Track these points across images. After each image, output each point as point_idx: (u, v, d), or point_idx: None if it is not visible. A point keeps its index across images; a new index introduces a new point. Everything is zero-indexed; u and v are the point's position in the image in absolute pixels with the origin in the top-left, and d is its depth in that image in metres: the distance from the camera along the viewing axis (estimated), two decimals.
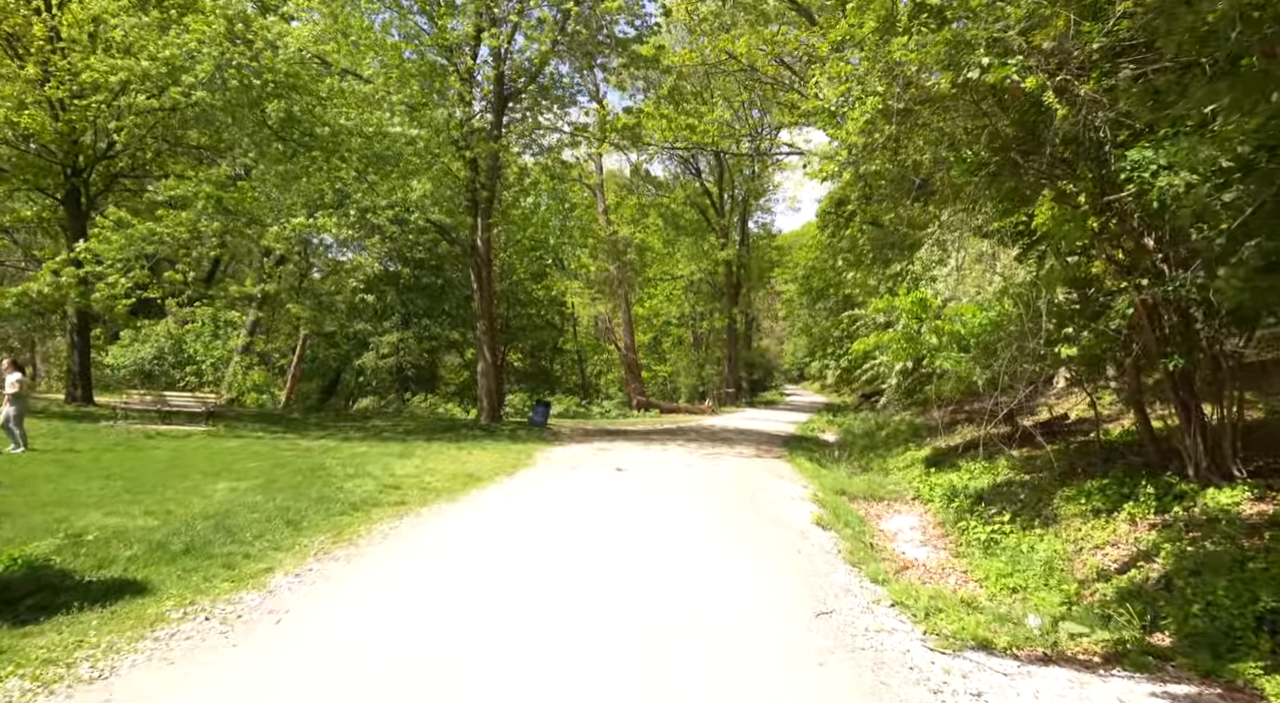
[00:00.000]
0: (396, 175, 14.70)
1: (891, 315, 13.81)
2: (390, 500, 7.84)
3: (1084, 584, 6.71)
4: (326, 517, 6.74)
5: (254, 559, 5.25)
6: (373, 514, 7.04)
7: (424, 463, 11.42)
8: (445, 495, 8.46)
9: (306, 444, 13.76)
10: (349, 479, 9.11)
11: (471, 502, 8.14)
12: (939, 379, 13.19)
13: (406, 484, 8.99)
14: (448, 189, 15.23)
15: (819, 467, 14.58)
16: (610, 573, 5.71)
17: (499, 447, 14.39)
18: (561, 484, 10.00)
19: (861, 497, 12.07)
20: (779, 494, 10.80)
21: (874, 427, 23.12)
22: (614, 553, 6.31)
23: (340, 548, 5.70)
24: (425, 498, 8.18)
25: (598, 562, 6.01)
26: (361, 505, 7.43)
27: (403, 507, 7.58)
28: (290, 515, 6.63)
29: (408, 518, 7.01)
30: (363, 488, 8.48)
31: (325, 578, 5.04)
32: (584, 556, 6.16)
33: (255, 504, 7.19)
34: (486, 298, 18.49)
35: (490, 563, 5.68)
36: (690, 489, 10.31)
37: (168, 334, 27.11)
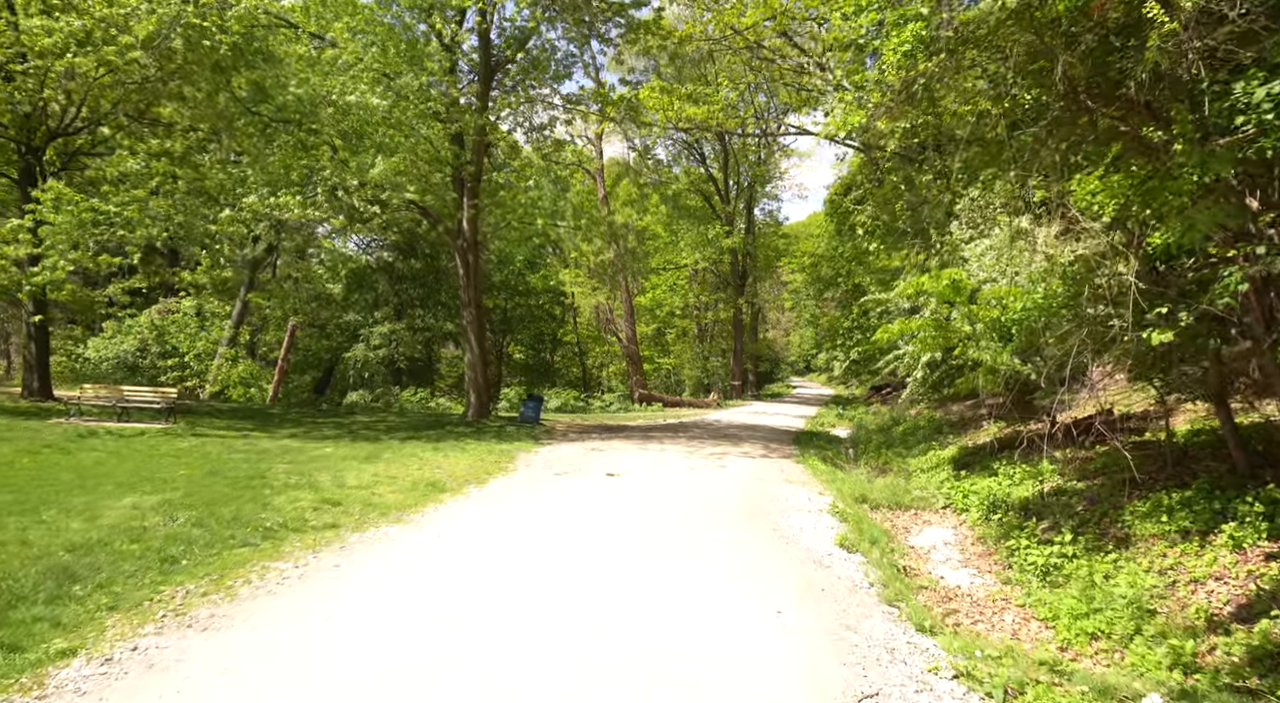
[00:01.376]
0: (371, 151, 13.17)
1: (918, 300, 12.22)
2: (320, 522, 6.33)
3: (1195, 636, 5.14)
4: (222, 550, 5.23)
5: (65, 628, 3.73)
6: (284, 546, 5.53)
7: (387, 468, 9.92)
8: (392, 514, 6.95)
9: (266, 445, 12.29)
10: (285, 492, 7.61)
11: (419, 524, 6.62)
12: (971, 372, 11.61)
13: (351, 498, 7.48)
14: (424, 164, 13.69)
15: (834, 469, 13.02)
16: (577, 640, 4.18)
17: (480, 447, 12.88)
18: (539, 497, 8.47)
19: (885, 504, 10.52)
20: (792, 505, 9.25)
21: (888, 422, 21.52)
22: (587, 606, 4.79)
23: (204, 605, 4.17)
24: (365, 518, 6.67)
25: (565, 621, 4.49)
26: (279, 530, 5.92)
27: (331, 532, 6.07)
28: (175, 548, 5.13)
29: (327, 551, 5.49)
30: (295, 504, 6.97)
31: (145, 666, 3.47)
32: (549, 611, 4.63)
33: (145, 530, 5.69)
34: (473, 284, 16.95)
35: (411, 632, 4.15)
36: (691, 501, 8.77)
37: (150, 325, 25.75)
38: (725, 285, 37.33)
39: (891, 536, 8.99)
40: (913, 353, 11.39)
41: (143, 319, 25.88)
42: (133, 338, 26.01)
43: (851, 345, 31.64)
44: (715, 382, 38.17)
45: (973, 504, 9.97)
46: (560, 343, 36.40)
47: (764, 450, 14.93)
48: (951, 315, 10.64)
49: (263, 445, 12.18)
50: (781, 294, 47.08)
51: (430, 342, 31.08)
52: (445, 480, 9.08)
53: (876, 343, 10.96)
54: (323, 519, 6.44)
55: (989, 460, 11.97)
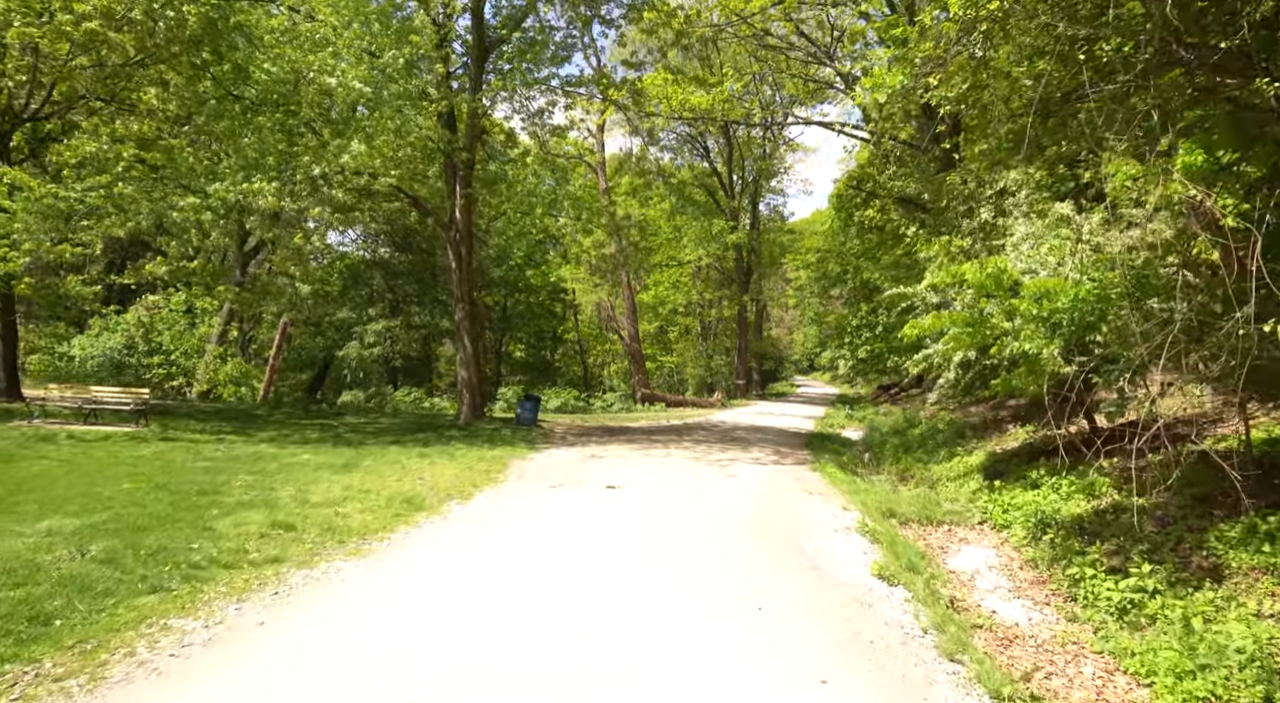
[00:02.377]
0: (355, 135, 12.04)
1: (951, 293, 11.07)
2: (263, 555, 5.22)
3: None
4: (122, 600, 4.11)
5: None
6: (206, 591, 4.40)
7: (363, 479, 8.82)
8: (352, 542, 5.84)
9: (240, 450, 11.20)
10: (235, 511, 6.50)
11: (382, 557, 5.49)
12: (1009, 372, 10.47)
13: (310, 520, 6.37)
14: (410, 148, 12.58)
15: (854, 478, 11.89)
16: None
17: (471, 453, 11.77)
18: (528, 516, 7.35)
19: (915, 519, 9.39)
20: (816, 522, 8.12)
21: (902, 424, 20.37)
22: (578, 678, 3.66)
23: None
24: (319, 548, 5.55)
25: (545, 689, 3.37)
26: (207, 567, 4.82)
27: (272, 569, 4.95)
28: (58, 599, 4.01)
29: (256, 599, 4.34)
30: (241, 529, 5.87)
31: None
32: (529, 687, 3.51)
33: (38, 568, 4.59)
34: (465, 278, 15.83)
35: None
36: (701, 520, 7.65)
37: (137, 322, 24.68)
38: (729, 282, 36.19)
39: (928, 558, 7.87)
40: (944, 351, 10.26)
41: (129, 316, 24.84)
42: (119, 335, 24.95)
43: (859, 344, 30.49)
44: (719, 381, 37.04)
45: (1015, 521, 8.85)
46: (561, 341, 35.28)
47: (775, 456, 13.81)
48: (988, 310, 9.52)
49: (235, 451, 11.08)
50: (786, 291, 45.90)
51: (428, 339, 30.02)
52: (425, 495, 7.97)
53: (904, 339, 9.81)
54: (267, 551, 5.33)
55: (1024, 469, 10.84)
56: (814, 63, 30.53)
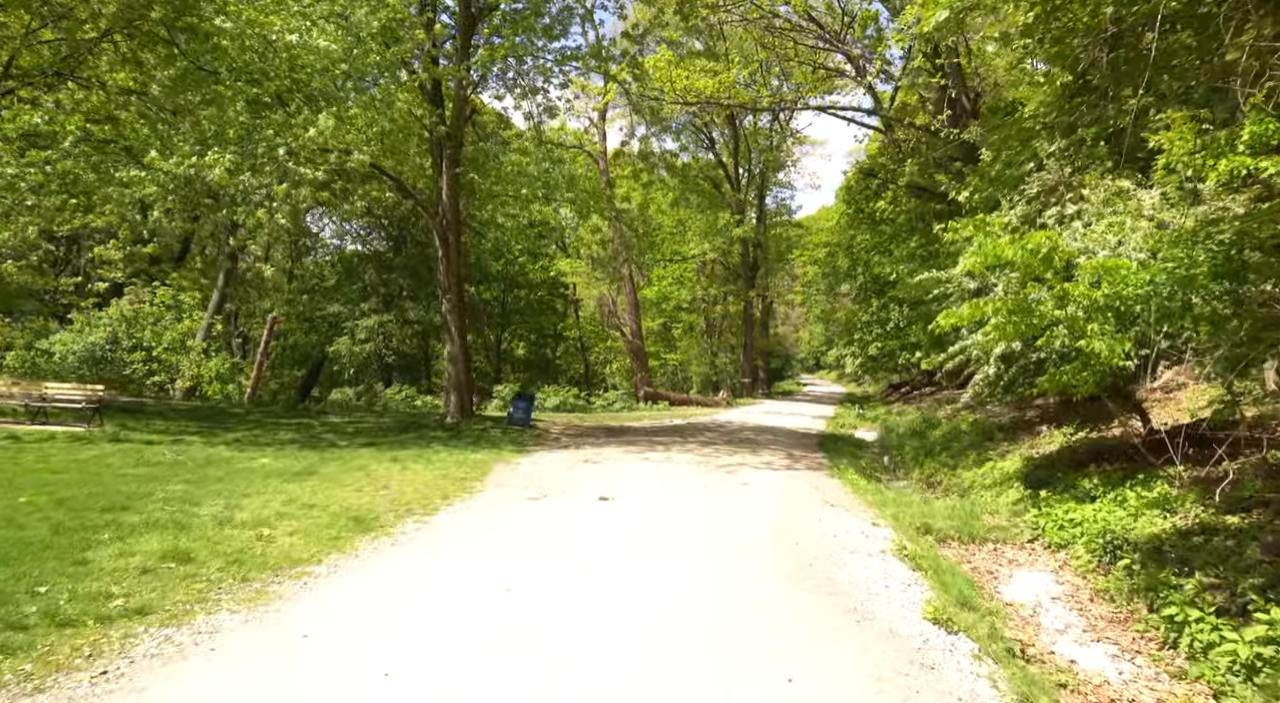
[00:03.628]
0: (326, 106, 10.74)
1: (992, 276, 9.68)
2: (127, 604, 3.90)
3: None
4: None
5: None
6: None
7: (315, 490, 7.51)
8: (260, 579, 4.51)
9: (194, 453, 9.92)
10: (130, 537, 5.19)
11: (291, 603, 4.14)
12: (1059, 366, 9.08)
13: (220, 547, 5.05)
14: (388, 122, 11.27)
15: (879, 486, 10.53)
16: None
17: (450, 457, 10.45)
18: (497, 540, 6.01)
19: (954, 536, 8.05)
20: (845, 543, 6.77)
21: (919, 424, 18.97)
22: None
23: None
24: (210, 591, 4.22)
25: None
26: (34, 628, 3.49)
27: (127, 625, 3.62)
28: None
29: (57, 691, 3.00)
30: (121, 563, 4.56)
31: None
32: None
33: None
34: (453, 267, 14.50)
35: None
36: (710, 543, 6.30)
37: (119, 317, 23.46)
38: (735, 278, 34.79)
39: (979, 587, 6.52)
40: (983, 343, 8.89)
41: (112, 310, 23.64)
42: (101, 331, 23.76)
43: (870, 340, 29.06)
44: (724, 379, 35.65)
45: (1075, 540, 7.48)
46: (562, 338, 33.94)
47: (788, 460, 12.45)
48: (1037, 295, 8.14)
49: (186, 455, 9.78)
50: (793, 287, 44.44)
51: (425, 335, 28.75)
52: (381, 511, 6.64)
53: (936, 331, 8.43)
54: (138, 596, 4.01)
55: (1073, 477, 9.46)
56: (823, 49, 29.15)
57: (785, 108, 25.28)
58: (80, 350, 23.69)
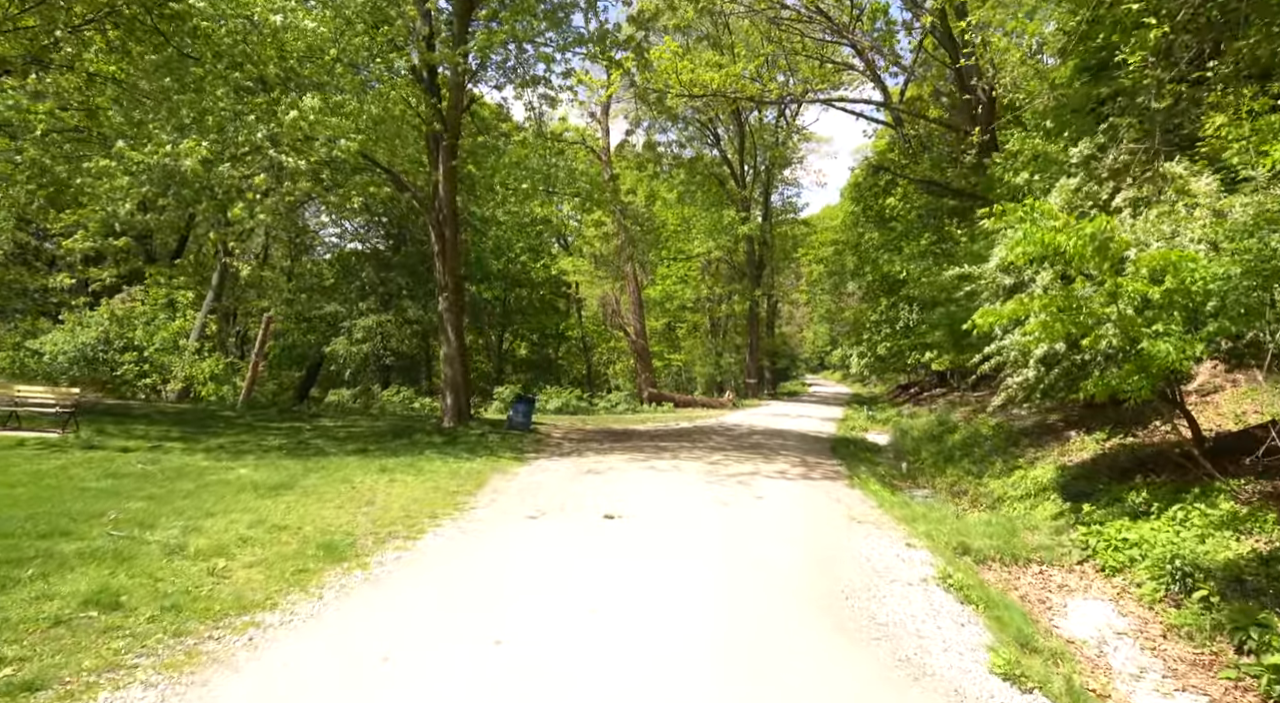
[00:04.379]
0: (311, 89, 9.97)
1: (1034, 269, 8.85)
2: (17, 672, 3.12)
3: None
4: None
5: None
6: None
7: (290, 507, 6.74)
8: (198, 632, 3.73)
9: (168, 462, 9.17)
10: (60, 570, 4.43)
11: (223, 672, 3.39)
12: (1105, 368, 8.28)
13: (163, 585, 4.29)
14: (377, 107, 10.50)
15: (905, 499, 9.73)
16: None
17: (445, 467, 9.68)
18: (491, 568, 5.24)
19: (994, 557, 7.27)
20: (880, 568, 5.98)
21: (935, 427, 18.15)
22: None
23: None
24: (129, 651, 3.44)
25: None
26: None
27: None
28: None
29: None
30: (30, 611, 3.78)
31: None
32: None
33: None
34: (450, 263, 13.73)
35: None
36: (728, 573, 5.51)
37: (111, 316, 22.74)
38: (740, 277, 33.96)
39: (1033, 618, 5.72)
40: (1023, 343, 8.09)
41: (103, 310, 22.93)
42: (93, 331, 23.04)
43: (878, 340, 28.24)
44: (729, 380, 34.84)
45: (1132, 563, 6.68)
46: (564, 338, 33.15)
47: (803, 468, 11.66)
48: (1086, 290, 7.34)
49: (160, 465, 9.02)
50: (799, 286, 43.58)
51: (424, 335, 27.98)
52: (359, 534, 5.86)
53: (973, 330, 7.64)
54: (37, 661, 3.23)
55: (1116, 489, 8.65)
56: (831, 42, 28.31)
57: (793, 100, 24.43)
58: (71, 351, 22.99)
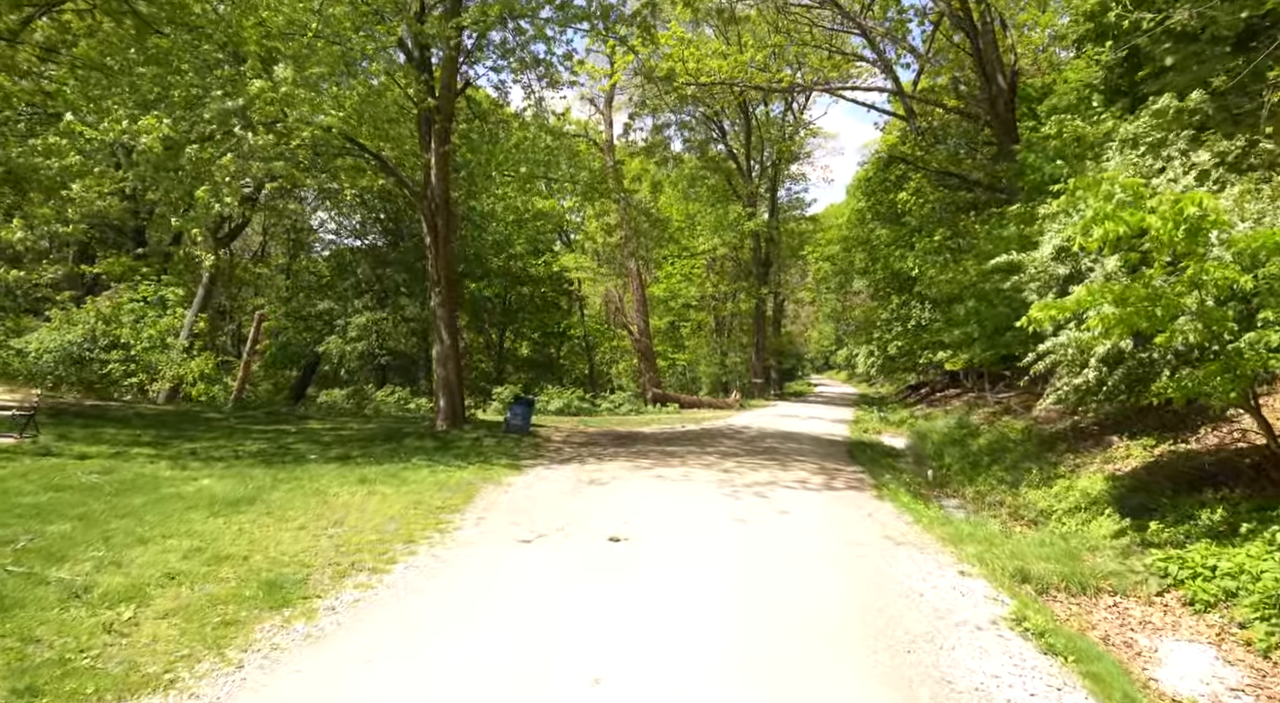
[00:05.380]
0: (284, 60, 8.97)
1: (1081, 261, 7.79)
2: None
3: None
4: None
5: None
6: None
7: (241, 530, 5.75)
8: None
9: (126, 471, 8.20)
10: None
11: None
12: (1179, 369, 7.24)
13: (37, 650, 3.28)
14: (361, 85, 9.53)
15: (943, 514, 8.70)
16: None
17: (432, 477, 8.68)
18: (471, 616, 4.24)
19: (1057, 585, 6.24)
20: (940, 609, 4.95)
21: (956, 430, 17.10)
22: None
23: None
24: None
25: None
26: None
27: None
28: None
29: None
30: None
31: None
32: None
33: None
34: (443, 256, 12.73)
35: None
36: (761, 617, 4.50)
37: (96, 314, 21.78)
38: (746, 274, 32.90)
39: (1121, 667, 4.70)
40: (1085, 340, 7.06)
41: (89, 307, 21.98)
42: (80, 329, 22.08)
43: (890, 339, 27.19)
44: (734, 379, 33.79)
45: (1231, 596, 5.65)
46: (566, 337, 32.13)
47: (823, 476, 10.63)
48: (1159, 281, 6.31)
49: (115, 474, 8.03)
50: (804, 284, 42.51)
51: (422, 334, 26.99)
52: (317, 565, 4.86)
53: (1028, 326, 6.60)
54: None
55: (1185, 504, 7.61)
56: (840, 31, 27.24)
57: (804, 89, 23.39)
58: (57, 350, 22.04)
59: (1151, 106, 8.84)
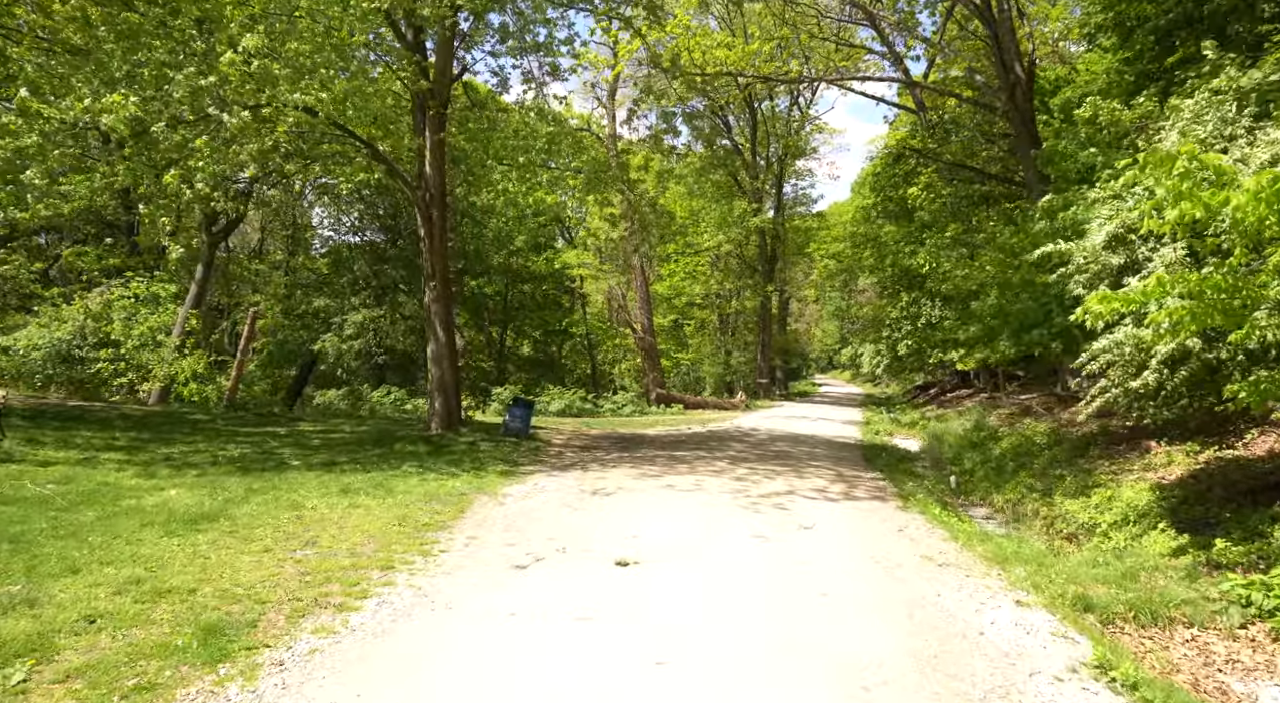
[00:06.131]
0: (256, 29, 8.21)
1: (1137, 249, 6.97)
2: None
3: None
4: None
5: None
6: None
7: (200, 551, 5.01)
8: None
9: (86, 480, 7.46)
10: None
11: None
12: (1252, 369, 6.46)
13: None
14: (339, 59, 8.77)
15: (981, 530, 7.92)
16: None
17: (421, 486, 7.92)
18: (448, 671, 3.45)
19: (1123, 613, 5.45)
20: (1005, 648, 4.18)
21: (974, 433, 16.31)
22: None
23: None
24: None
25: None
26: None
27: None
28: None
29: None
30: None
31: None
32: None
33: None
34: (437, 249, 11.96)
35: None
36: (798, 666, 3.71)
37: (84, 311, 21.04)
38: (751, 272, 32.10)
39: None
40: (1144, 339, 6.29)
41: (78, 304, 21.25)
42: (69, 326, 21.35)
43: (900, 338, 26.38)
44: (738, 379, 33.00)
45: None
46: (568, 336, 31.36)
47: (843, 483, 9.85)
48: (1248, 264, 5.53)
49: (74, 484, 7.27)
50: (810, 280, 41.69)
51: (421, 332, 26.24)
52: (274, 601, 4.10)
53: (1084, 321, 5.81)
54: None
55: (1251, 518, 6.84)
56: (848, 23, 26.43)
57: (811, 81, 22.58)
58: (46, 347, 21.32)
59: (1207, 83, 8.02)
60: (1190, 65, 12.42)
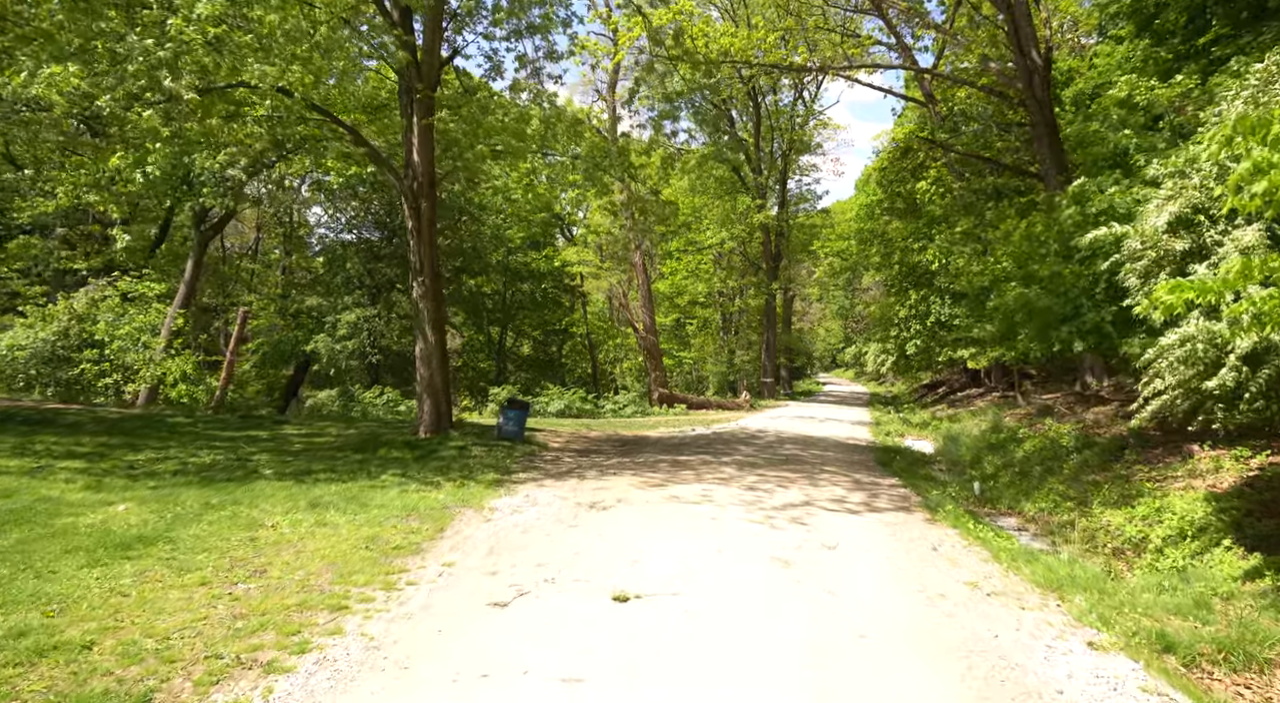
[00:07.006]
0: None
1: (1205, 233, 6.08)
2: None
3: None
4: None
5: None
6: None
7: (122, 586, 4.22)
8: None
9: (29, 496, 6.60)
10: None
11: None
12: None
13: None
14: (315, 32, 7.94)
15: (1027, 549, 7.04)
16: None
17: (400, 499, 7.08)
18: None
19: (1211, 654, 4.59)
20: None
21: (992, 434, 15.42)
22: None
23: None
24: None
25: None
26: None
27: None
28: None
29: None
30: None
31: None
32: None
33: None
34: (426, 243, 11.13)
35: None
36: None
37: (69, 311, 20.25)
38: (754, 269, 31.22)
39: None
40: (1222, 332, 5.44)
41: (63, 304, 20.47)
42: (53, 326, 20.56)
43: (908, 337, 25.49)
44: (742, 378, 32.13)
45: None
46: (568, 335, 30.51)
47: (862, 492, 9.01)
48: None
49: (11, 499, 6.46)
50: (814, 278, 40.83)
51: None
52: (186, 659, 3.27)
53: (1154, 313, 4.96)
54: None
55: None
56: (854, 14, 25.58)
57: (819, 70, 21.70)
58: (29, 348, 20.54)
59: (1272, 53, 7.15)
60: (1229, 42, 11.55)
